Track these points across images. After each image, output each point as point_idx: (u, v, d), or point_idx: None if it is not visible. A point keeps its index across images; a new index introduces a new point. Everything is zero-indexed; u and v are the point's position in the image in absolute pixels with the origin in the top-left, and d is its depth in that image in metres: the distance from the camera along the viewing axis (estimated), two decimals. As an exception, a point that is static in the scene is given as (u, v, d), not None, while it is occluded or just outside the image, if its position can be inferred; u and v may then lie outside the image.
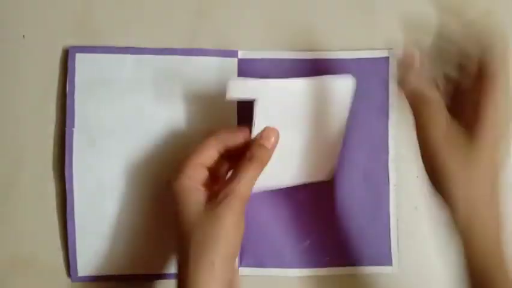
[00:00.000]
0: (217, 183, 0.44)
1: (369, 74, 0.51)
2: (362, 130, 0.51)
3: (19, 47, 0.51)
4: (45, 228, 0.50)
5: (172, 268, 0.50)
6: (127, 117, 0.50)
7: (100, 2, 0.51)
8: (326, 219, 0.51)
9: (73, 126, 0.49)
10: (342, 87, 0.45)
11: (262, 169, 0.42)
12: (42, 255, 0.50)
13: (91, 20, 0.51)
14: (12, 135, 0.51)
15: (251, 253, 0.50)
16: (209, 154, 0.43)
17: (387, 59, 0.51)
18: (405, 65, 0.40)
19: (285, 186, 0.48)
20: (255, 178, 0.42)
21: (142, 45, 0.51)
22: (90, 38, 0.51)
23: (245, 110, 0.50)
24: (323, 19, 0.52)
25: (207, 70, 0.51)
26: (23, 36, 0.51)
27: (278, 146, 0.44)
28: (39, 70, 0.51)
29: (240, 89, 0.43)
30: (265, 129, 0.44)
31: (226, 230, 0.40)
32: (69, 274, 0.50)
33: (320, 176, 0.49)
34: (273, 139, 0.43)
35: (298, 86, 0.44)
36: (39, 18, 0.51)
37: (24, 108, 0.51)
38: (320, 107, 0.45)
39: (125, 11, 0.51)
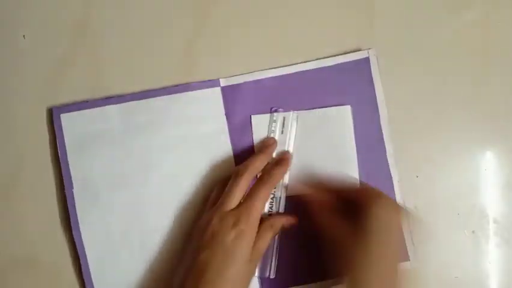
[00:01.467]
0: None
1: (353, 76, 0.51)
2: (356, 132, 0.51)
3: (20, 47, 0.51)
4: (49, 235, 0.51)
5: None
6: (123, 167, 0.50)
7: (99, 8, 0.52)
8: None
9: (72, 188, 0.50)
10: (341, 115, 0.51)
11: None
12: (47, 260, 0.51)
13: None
14: (13, 136, 0.51)
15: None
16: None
17: (367, 59, 0.51)
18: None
19: None
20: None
21: (125, 91, 0.51)
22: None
23: (238, 141, 0.51)
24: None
25: (192, 105, 0.51)
26: (23, 36, 0.51)
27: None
28: (40, 71, 0.51)
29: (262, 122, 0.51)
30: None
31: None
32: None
33: None
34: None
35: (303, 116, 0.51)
36: (41, 19, 0.52)
37: (26, 107, 0.51)
38: (322, 134, 0.51)
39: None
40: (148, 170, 0.50)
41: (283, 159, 0.50)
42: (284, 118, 0.51)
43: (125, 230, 0.50)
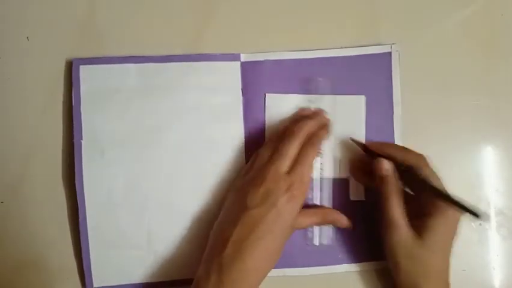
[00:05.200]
0: None
1: (372, 69, 0.52)
2: (367, 125, 0.51)
3: (23, 49, 0.51)
4: (53, 236, 0.50)
5: (190, 273, 0.49)
6: (134, 126, 0.50)
7: (103, 8, 0.52)
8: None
9: (81, 139, 0.49)
10: (354, 104, 0.51)
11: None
12: (50, 261, 0.50)
13: (93, 26, 0.51)
14: (20, 136, 0.51)
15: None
16: None
17: (389, 54, 0.51)
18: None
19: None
20: None
21: (145, 52, 0.51)
22: (92, 45, 0.51)
23: (250, 117, 0.51)
24: (323, 17, 0.52)
25: (210, 75, 0.51)
26: (27, 38, 0.51)
27: None
28: (43, 75, 0.51)
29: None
30: None
31: None
32: (84, 285, 0.50)
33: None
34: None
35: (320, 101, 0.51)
36: (44, 20, 0.51)
37: (30, 110, 0.51)
38: (334, 120, 0.50)
39: (127, 17, 0.52)
40: (157, 133, 0.50)
41: (325, 125, 0.50)
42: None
43: (127, 189, 0.50)
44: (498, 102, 0.52)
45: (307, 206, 0.50)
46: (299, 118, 0.49)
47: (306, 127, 0.47)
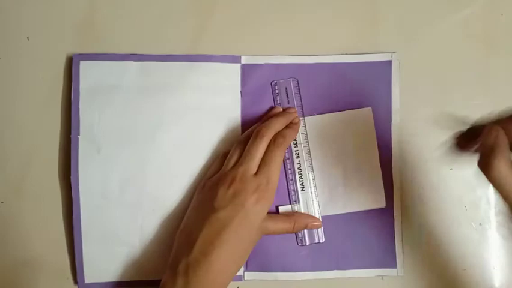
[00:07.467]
0: None
1: (372, 77, 0.52)
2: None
3: (23, 49, 0.51)
4: (51, 234, 0.50)
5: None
6: (131, 124, 0.50)
7: (103, 8, 0.52)
8: (331, 222, 0.51)
9: (78, 134, 0.49)
10: (363, 117, 0.51)
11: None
12: (48, 260, 0.50)
13: (94, 25, 0.52)
14: (20, 136, 0.51)
15: (256, 257, 0.50)
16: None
17: (389, 62, 0.52)
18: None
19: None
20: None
21: (146, 52, 0.51)
22: (93, 43, 0.51)
23: (248, 120, 0.51)
24: (325, 23, 0.53)
25: (210, 76, 0.51)
26: (27, 38, 0.51)
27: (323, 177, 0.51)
28: (43, 73, 0.51)
29: None
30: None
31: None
32: (75, 281, 0.49)
33: (372, 204, 0.51)
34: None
35: (326, 120, 0.51)
36: (44, 20, 0.51)
37: (30, 109, 0.51)
38: (346, 137, 0.51)
39: (128, 16, 0.52)
40: (155, 132, 0.50)
41: (294, 123, 0.50)
42: (286, 88, 0.51)
43: (122, 187, 0.50)
44: (496, 103, 0.52)
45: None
46: (268, 118, 0.50)
47: (273, 127, 0.47)
